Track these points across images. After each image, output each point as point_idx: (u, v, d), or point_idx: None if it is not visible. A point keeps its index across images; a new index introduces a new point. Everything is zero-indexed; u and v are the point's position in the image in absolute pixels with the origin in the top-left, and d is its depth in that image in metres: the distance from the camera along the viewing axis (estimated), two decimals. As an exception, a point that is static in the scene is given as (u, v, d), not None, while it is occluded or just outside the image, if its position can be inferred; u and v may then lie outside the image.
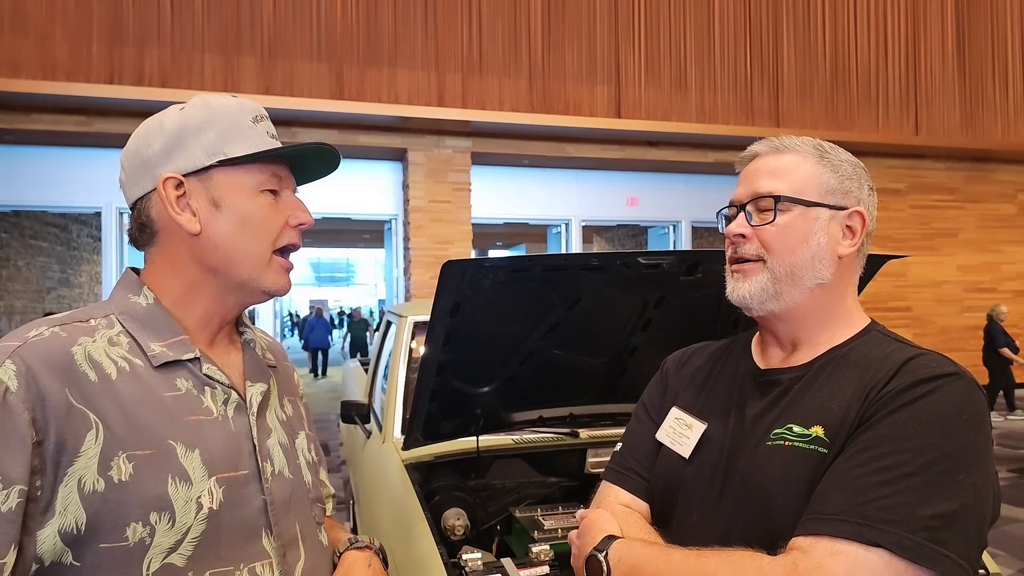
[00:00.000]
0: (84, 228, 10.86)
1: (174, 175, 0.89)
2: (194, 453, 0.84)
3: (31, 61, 6.13)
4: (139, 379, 0.85)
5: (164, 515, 0.81)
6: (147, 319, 0.90)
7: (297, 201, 0.96)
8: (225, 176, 0.91)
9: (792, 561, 0.80)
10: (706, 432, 1.03)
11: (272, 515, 0.90)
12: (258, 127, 0.93)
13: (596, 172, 8.54)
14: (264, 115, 0.96)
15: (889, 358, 0.91)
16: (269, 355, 1.05)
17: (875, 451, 0.83)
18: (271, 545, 0.90)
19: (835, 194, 0.98)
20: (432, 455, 2.29)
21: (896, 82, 8.55)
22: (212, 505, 0.84)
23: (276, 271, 0.94)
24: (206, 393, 0.89)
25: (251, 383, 0.96)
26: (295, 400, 1.08)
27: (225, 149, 0.90)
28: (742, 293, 0.99)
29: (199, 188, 0.90)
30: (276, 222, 0.93)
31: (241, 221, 0.90)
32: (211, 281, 0.92)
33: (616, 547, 0.96)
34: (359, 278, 35.50)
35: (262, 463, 0.91)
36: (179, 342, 0.90)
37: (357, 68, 7.08)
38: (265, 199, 0.92)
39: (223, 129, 0.90)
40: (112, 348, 0.85)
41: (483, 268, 1.73)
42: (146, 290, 0.92)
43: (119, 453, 0.79)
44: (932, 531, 0.77)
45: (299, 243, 0.97)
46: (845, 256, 0.98)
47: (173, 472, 0.82)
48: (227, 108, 0.93)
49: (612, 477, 1.13)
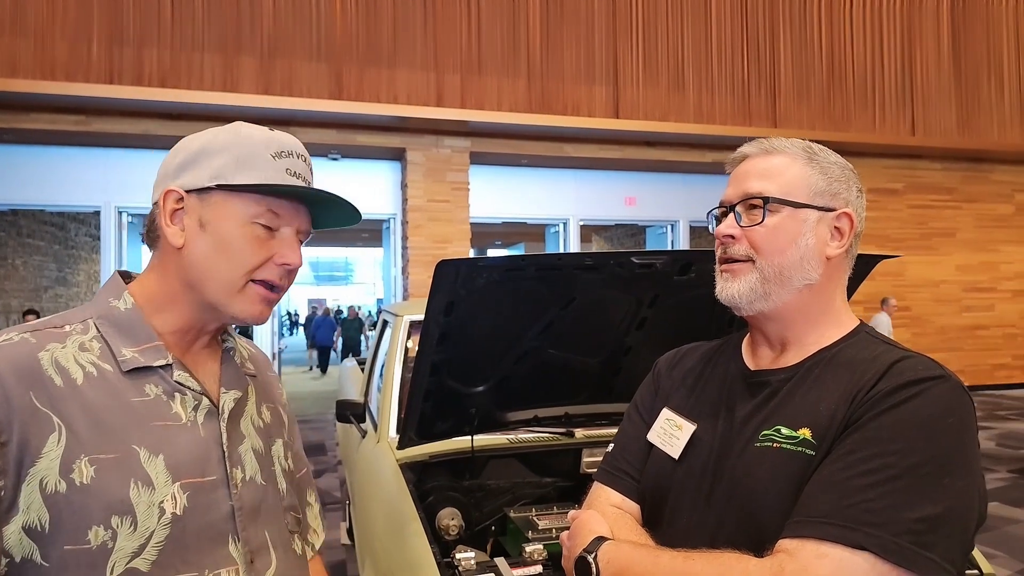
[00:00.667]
0: (82, 227, 10.86)
1: (176, 189, 0.91)
2: (158, 458, 0.85)
3: (30, 60, 6.13)
4: (107, 384, 0.86)
5: (126, 519, 0.81)
6: (123, 324, 0.91)
7: (292, 241, 0.95)
8: (221, 200, 0.91)
9: (778, 563, 0.80)
10: (696, 433, 1.04)
11: (239, 521, 0.91)
12: (278, 162, 0.93)
13: (594, 172, 8.55)
14: (293, 152, 0.95)
15: (877, 360, 0.91)
16: (249, 365, 1.07)
17: (861, 453, 0.83)
18: (237, 552, 0.90)
19: (823, 196, 0.98)
20: (427, 455, 2.29)
21: (892, 83, 8.56)
22: (175, 510, 0.85)
23: (249, 299, 0.93)
24: (175, 399, 0.90)
25: (225, 390, 0.96)
26: (275, 408, 1.09)
27: (228, 175, 0.91)
28: (731, 293, 0.99)
29: (195, 206, 0.91)
30: (258, 255, 0.92)
31: (220, 245, 0.91)
32: (188, 295, 0.93)
33: (605, 549, 0.96)
34: (358, 277, 35.50)
35: (231, 469, 0.92)
36: (152, 348, 0.91)
37: (356, 68, 7.08)
38: (253, 231, 0.91)
39: (237, 156, 0.91)
40: (82, 354, 0.86)
41: (477, 267, 1.73)
42: (126, 295, 0.93)
43: (81, 456, 0.80)
44: (917, 534, 0.77)
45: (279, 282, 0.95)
46: (833, 257, 0.99)
47: (135, 476, 0.83)
48: (252, 138, 0.93)
49: (603, 478, 1.14)
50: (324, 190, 0.94)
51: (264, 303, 0.94)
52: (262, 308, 0.94)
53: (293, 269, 0.95)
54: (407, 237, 7.60)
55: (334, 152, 7.48)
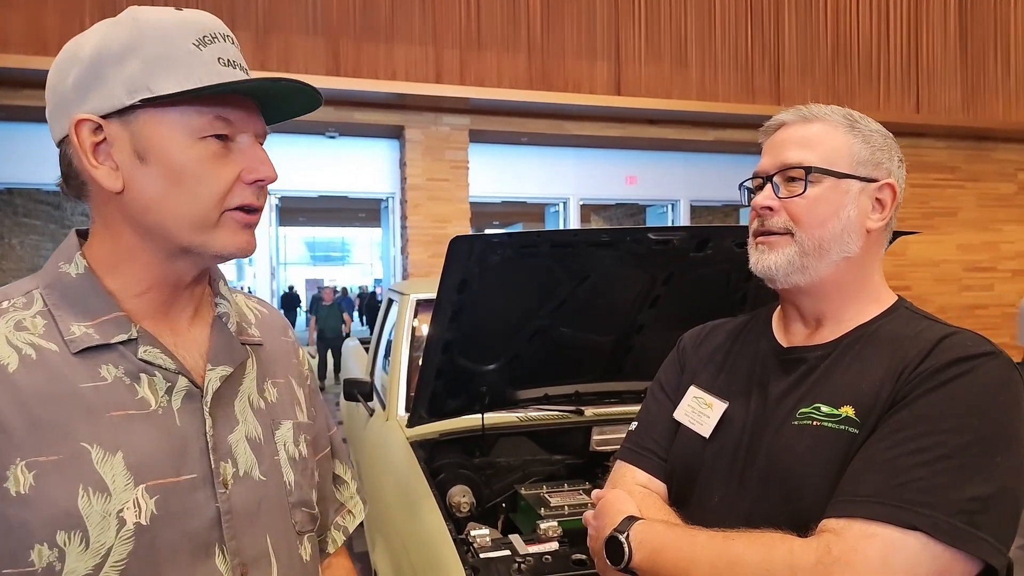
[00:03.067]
0: (77, 206, 10.74)
1: (89, 116, 0.72)
2: (115, 457, 0.70)
3: (21, 35, 6.03)
4: (48, 369, 0.70)
5: (75, 534, 0.67)
6: (74, 293, 0.75)
7: (256, 150, 0.77)
8: (152, 119, 0.72)
9: (824, 544, 0.78)
10: (727, 411, 1.01)
11: (227, 528, 0.75)
12: (204, 52, 0.73)
13: (595, 150, 8.48)
14: (217, 34, 0.75)
15: (921, 336, 0.89)
16: (254, 331, 0.90)
17: (910, 432, 0.81)
18: (225, 565, 0.75)
19: (866, 165, 0.95)
20: (437, 433, 2.28)
21: (897, 60, 8.49)
22: (140, 519, 0.70)
23: (229, 230, 0.76)
24: (142, 382, 0.74)
25: (212, 366, 0.79)
26: (287, 383, 0.92)
27: (151, 84, 0.71)
28: (767, 264, 0.96)
29: (122, 134, 0.73)
30: (223, 177, 0.74)
31: (172, 177, 0.73)
32: (149, 246, 0.76)
33: (637, 528, 0.93)
34: (354, 257, 35.42)
35: (217, 464, 0.76)
36: (111, 320, 0.74)
37: (354, 43, 6.98)
38: (207, 148, 0.73)
39: (151, 56, 0.71)
40: (17, 334, 0.71)
41: (491, 244, 1.71)
42: (78, 257, 0.77)
43: (16, 460, 0.66)
44: (969, 514, 0.75)
45: (257, 203, 0.78)
46: (873, 230, 0.96)
47: (85, 481, 0.68)
48: (161, 27, 0.72)
49: (628, 457, 1.11)
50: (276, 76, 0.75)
51: (246, 228, 0.78)
52: (247, 238, 0.78)
53: (269, 183, 0.78)
54: (406, 216, 7.54)
55: (331, 130, 7.39)
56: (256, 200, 0.78)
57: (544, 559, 1.65)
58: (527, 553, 1.68)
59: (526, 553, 1.68)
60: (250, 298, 0.96)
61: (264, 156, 0.78)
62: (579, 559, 1.64)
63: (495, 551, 1.68)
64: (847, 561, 0.76)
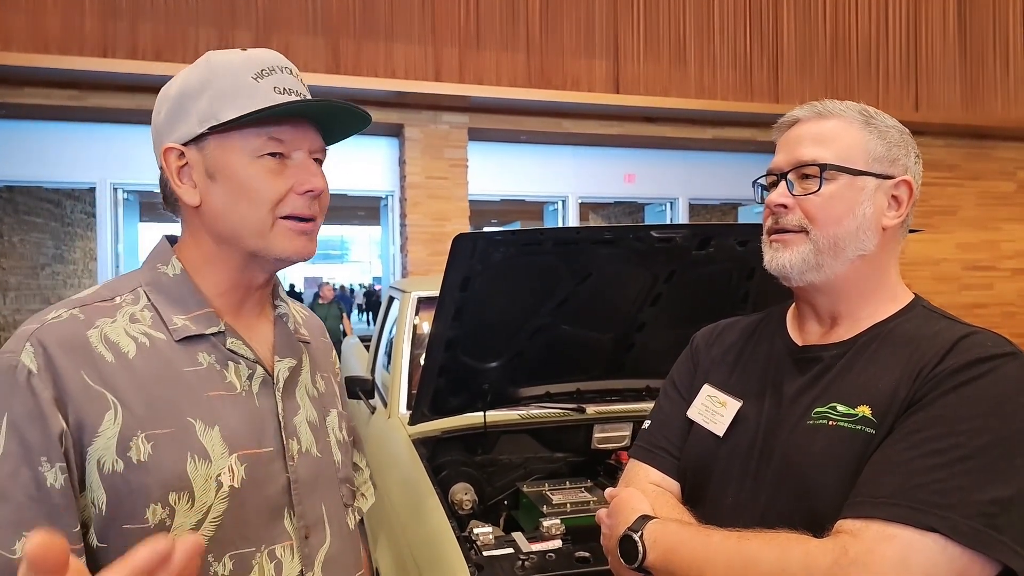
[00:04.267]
0: (78, 204, 10.75)
1: (174, 145, 0.86)
2: (214, 430, 0.82)
3: (23, 34, 6.02)
4: (159, 354, 0.82)
5: (183, 495, 0.79)
6: (173, 291, 0.87)
7: (308, 165, 0.88)
8: (219, 143, 0.85)
9: (841, 545, 0.77)
10: (741, 410, 1.00)
11: (295, 495, 0.88)
12: (262, 83, 0.85)
13: (593, 148, 8.48)
14: (276, 66, 0.87)
15: (939, 336, 0.88)
16: (304, 330, 1.02)
17: (928, 433, 0.80)
18: (292, 526, 0.87)
19: (882, 162, 0.94)
20: (439, 430, 2.29)
21: (896, 58, 8.49)
22: (233, 483, 0.82)
23: (284, 236, 0.87)
24: (229, 368, 0.87)
25: (279, 358, 0.92)
26: (329, 377, 1.05)
27: (218, 113, 0.83)
28: (781, 262, 0.95)
29: (197, 158, 0.86)
30: (276, 188, 0.85)
31: (235, 191, 0.85)
32: (224, 251, 0.88)
33: (652, 527, 0.92)
34: (353, 255, 35.39)
35: (287, 440, 0.89)
36: (204, 315, 0.87)
37: (354, 42, 6.98)
38: (264, 165, 0.85)
39: (219, 91, 0.84)
40: (133, 325, 0.83)
41: (494, 242, 1.71)
42: (175, 260, 0.89)
43: (138, 433, 0.78)
44: (989, 516, 0.75)
45: (308, 212, 0.88)
46: (889, 227, 0.95)
47: (192, 450, 0.80)
48: (228, 65, 0.86)
49: (641, 455, 1.10)
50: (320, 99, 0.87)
51: (301, 235, 0.88)
52: (304, 242, 0.88)
53: (318, 193, 0.88)
54: (405, 214, 7.54)
55: (332, 128, 7.40)
56: (307, 209, 0.87)
57: (548, 557, 1.65)
58: (530, 551, 1.68)
59: (529, 551, 1.68)
60: (294, 304, 1.07)
61: (314, 169, 0.88)
62: (583, 556, 1.64)
63: (498, 549, 1.69)
64: (864, 562, 0.75)
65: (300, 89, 0.89)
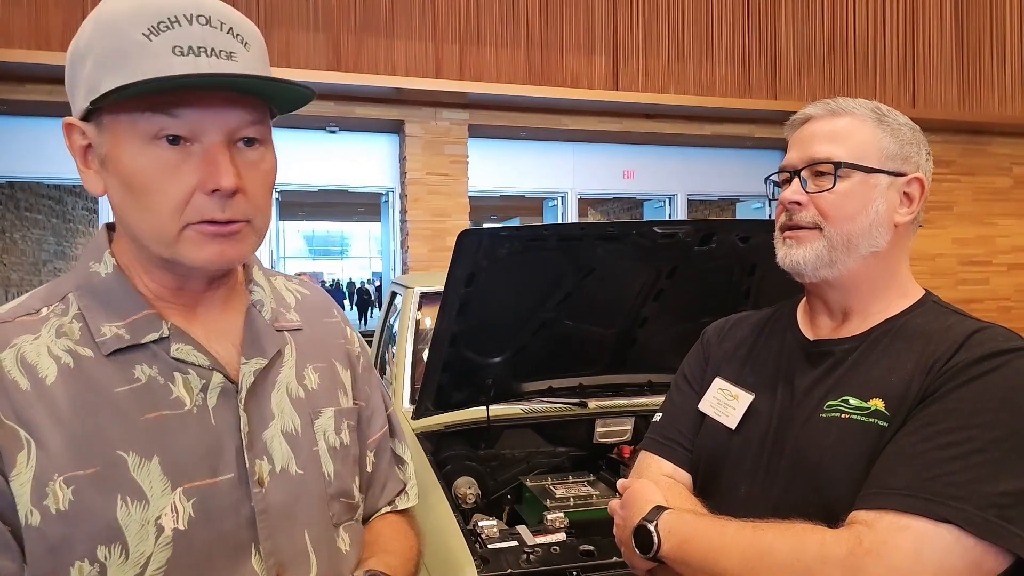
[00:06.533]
0: (79, 200, 10.75)
1: (73, 121, 0.69)
2: (152, 462, 0.68)
3: (24, 30, 6.02)
4: (84, 376, 0.68)
5: (115, 547, 0.65)
6: (105, 293, 0.72)
7: (216, 154, 0.66)
8: (111, 123, 0.66)
9: (855, 535, 0.78)
10: (753, 403, 1.01)
11: (262, 528, 0.73)
12: (155, 41, 0.63)
13: (593, 145, 8.49)
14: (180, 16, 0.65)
15: (951, 330, 0.89)
16: (292, 315, 0.85)
17: (941, 426, 0.81)
18: (260, 565, 0.73)
19: (895, 160, 0.95)
20: (442, 425, 2.31)
21: (893, 54, 8.51)
22: (178, 525, 0.68)
23: (194, 244, 0.68)
24: (176, 381, 0.71)
25: (245, 360, 0.76)
26: (329, 367, 0.87)
27: (99, 83, 0.64)
28: (795, 259, 0.96)
29: (95, 138, 0.68)
30: (176, 187, 0.66)
31: (126, 186, 0.67)
32: (145, 252, 0.72)
33: (666, 518, 0.93)
34: (353, 251, 35.37)
35: (252, 463, 0.74)
36: (143, 318, 0.72)
37: (354, 38, 6.99)
38: (157, 154, 0.65)
39: (101, 53, 0.65)
40: (57, 341, 0.69)
41: (499, 238, 1.73)
42: (107, 255, 0.74)
43: (55, 476, 0.64)
44: (1002, 508, 0.76)
45: (221, 216, 0.68)
46: (901, 224, 0.96)
47: (123, 491, 0.66)
48: (114, 18, 0.65)
49: (653, 447, 1.11)
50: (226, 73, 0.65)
51: (218, 240, 0.69)
52: (219, 248, 0.69)
53: (228, 193, 0.67)
54: (406, 211, 7.55)
55: (332, 125, 7.40)
56: (218, 212, 0.68)
57: (552, 550, 1.66)
58: (535, 544, 1.70)
59: (534, 544, 1.70)
60: (291, 280, 0.92)
61: (221, 161, 0.67)
62: (587, 550, 1.66)
63: (503, 542, 1.70)
64: (879, 553, 0.76)
65: (220, 44, 0.66)
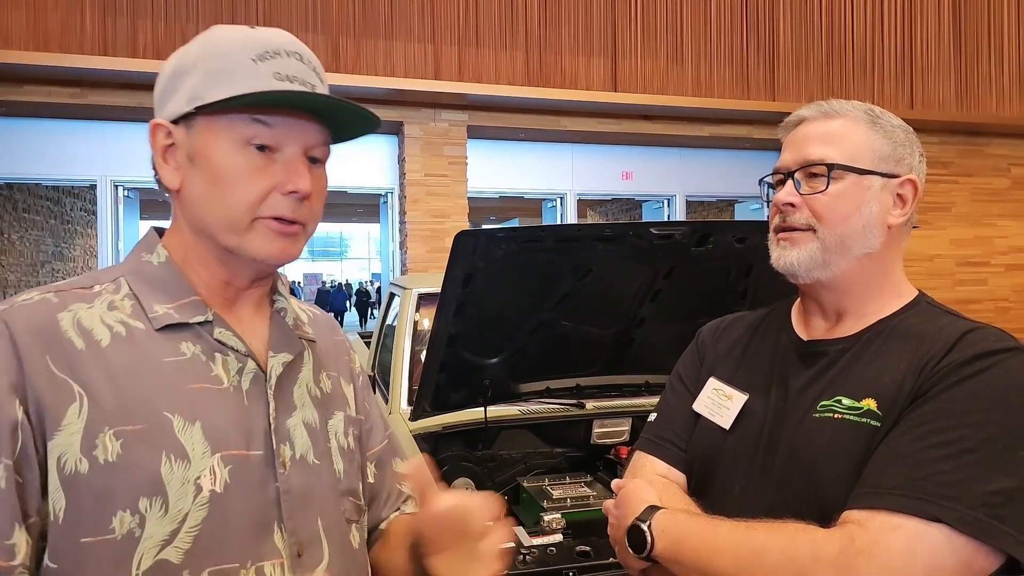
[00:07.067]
0: (77, 201, 10.76)
1: (162, 122, 0.79)
2: (194, 426, 0.73)
3: (23, 31, 6.02)
4: (135, 344, 0.75)
5: (156, 500, 0.69)
6: (157, 279, 0.80)
7: (296, 163, 0.78)
8: (205, 125, 0.77)
9: (848, 535, 0.79)
10: (747, 403, 1.02)
11: (285, 508, 0.78)
12: (261, 66, 0.76)
13: (591, 146, 8.50)
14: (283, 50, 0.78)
15: (944, 331, 0.90)
16: (308, 328, 0.94)
17: (933, 425, 0.82)
18: (283, 542, 0.77)
19: (888, 161, 0.95)
20: (440, 426, 2.31)
21: (891, 55, 8.52)
22: (215, 487, 0.72)
23: (262, 236, 0.78)
24: (216, 360, 0.79)
25: (273, 353, 0.83)
26: (338, 379, 0.95)
27: (205, 93, 0.76)
28: (789, 260, 0.96)
29: (183, 138, 0.78)
30: (256, 186, 0.77)
31: (212, 179, 0.77)
32: (203, 243, 0.81)
33: (660, 518, 0.94)
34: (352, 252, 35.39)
35: (278, 445, 0.79)
36: (189, 303, 0.79)
37: (353, 40, 7.00)
38: (247, 157, 0.76)
39: (211, 69, 0.76)
40: (110, 313, 0.76)
41: (496, 239, 1.74)
42: (160, 248, 0.83)
43: (105, 429, 0.69)
44: (993, 507, 0.76)
45: (291, 214, 0.79)
46: (894, 226, 0.96)
47: (168, 448, 0.71)
48: (226, 42, 0.78)
49: (647, 447, 1.11)
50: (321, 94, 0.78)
51: (282, 238, 0.80)
52: (282, 245, 0.80)
53: (303, 196, 0.79)
54: (405, 212, 7.56)
55: (331, 125, 7.41)
56: (290, 212, 0.79)
57: (549, 550, 1.67)
58: (532, 544, 1.71)
59: (531, 544, 1.71)
60: (301, 303, 1.01)
61: (302, 169, 0.78)
62: (583, 550, 1.66)
63: (500, 541, 1.71)
64: (871, 552, 0.76)
65: (308, 78, 0.79)
